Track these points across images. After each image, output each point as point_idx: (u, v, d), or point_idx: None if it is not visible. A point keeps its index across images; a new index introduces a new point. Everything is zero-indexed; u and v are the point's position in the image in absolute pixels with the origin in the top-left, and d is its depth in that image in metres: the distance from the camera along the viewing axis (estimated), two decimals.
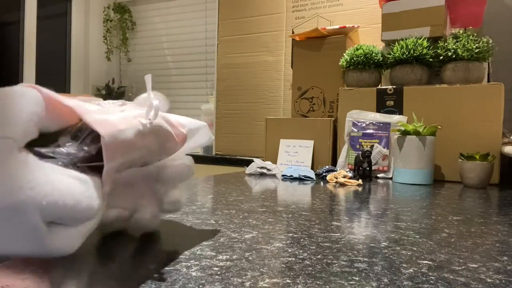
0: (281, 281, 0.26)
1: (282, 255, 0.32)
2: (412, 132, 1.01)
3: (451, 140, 1.10)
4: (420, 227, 0.46)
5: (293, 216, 0.51)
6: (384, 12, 1.27)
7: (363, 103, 1.24)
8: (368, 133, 1.17)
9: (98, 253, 0.32)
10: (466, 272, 0.29)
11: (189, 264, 0.29)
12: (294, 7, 1.68)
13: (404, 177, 1.01)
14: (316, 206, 0.59)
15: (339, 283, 0.26)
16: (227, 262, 0.30)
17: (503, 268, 0.31)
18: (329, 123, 1.29)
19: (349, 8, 1.56)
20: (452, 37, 1.14)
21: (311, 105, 1.44)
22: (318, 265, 0.30)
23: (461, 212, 0.58)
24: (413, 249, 0.36)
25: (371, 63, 1.25)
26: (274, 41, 1.72)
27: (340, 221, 0.48)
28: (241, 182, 0.91)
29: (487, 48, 1.09)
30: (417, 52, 1.14)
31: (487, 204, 0.69)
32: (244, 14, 1.75)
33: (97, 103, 0.37)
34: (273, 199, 0.65)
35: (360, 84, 1.28)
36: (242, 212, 0.52)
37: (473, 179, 0.96)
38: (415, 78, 1.18)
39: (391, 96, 1.20)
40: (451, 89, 1.11)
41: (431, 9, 1.19)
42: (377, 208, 0.60)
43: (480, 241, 0.40)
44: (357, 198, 0.71)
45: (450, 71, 1.13)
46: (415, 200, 0.70)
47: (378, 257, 0.33)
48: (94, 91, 2.80)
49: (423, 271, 0.29)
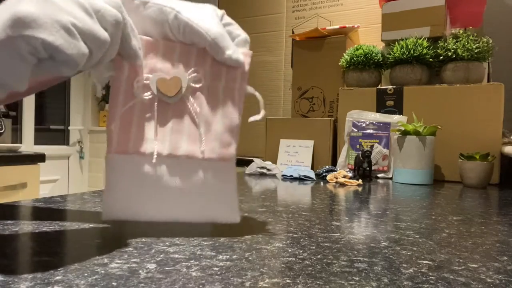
0: (281, 281, 0.26)
1: (282, 255, 0.32)
2: (412, 132, 1.01)
3: (451, 140, 1.10)
4: (420, 227, 0.46)
5: (293, 216, 0.51)
6: (384, 12, 1.27)
7: (363, 103, 1.24)
8: (368, 133, 1.17)
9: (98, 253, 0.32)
10: (466, 272, 0.29)
11: (189, 264, 0.29)
12: (294, 7, 1.68)
13: (404, 177, 1.01)
14: (316, 206, 0.59)
15: (339, 283, 0.26)
16: (227, 262, 0.30)
17: (503, 268, 0.31)
18: (329, 123, 1.29)
19: (349, 8, 1.55)
20: (452, 37, 1.14)
21: (311, 105, 1.44)
22: (318, 265, 0.30)
23: (461, 212, 0.58)
24: (413, 249, 0.36)
25: (371, 63, 1.25)
26: (274, 41, 1.72)
27: (340, 221, 0.48)
28: (241, 182, 0.91)
29: (487, 48, 1.10)
30: (417, 52, 1.14)
31: (487, 204, 0.69)
32: (244, 14, 1.75)
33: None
34: (273, 199, 0.65)
35: (360, 84, 1.28)
36: (242, 212, 0.52)
37: (473, 179, 0.96)
38: (415, 78, 1.18)
39: (391, 96, 1.20)
40: (451, 89, 1.11)
41: (431, 9, 1.19)
42: (377, 208, 0.60)
43: (480, 241, 0.40)
44: (357, 198, 0.71)
45: (450, 71, 1.13)
46: (415, 200, 0.70)
47: (378, 257, 0.33)
48: (94, 91, 2.80)
49: (423, 271, 0.29)
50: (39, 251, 0.32)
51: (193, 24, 0.37)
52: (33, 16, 0.26)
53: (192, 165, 0.37)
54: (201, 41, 0.38)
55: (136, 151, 0.36)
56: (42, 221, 0.42)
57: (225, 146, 0.38)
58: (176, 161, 0.37)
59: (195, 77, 0.38)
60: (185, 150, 0.37)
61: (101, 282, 0.25)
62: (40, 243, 0.34)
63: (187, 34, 0.38)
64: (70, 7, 0.29)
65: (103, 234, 0.38)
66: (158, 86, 0.37)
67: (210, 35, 0.37)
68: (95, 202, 0.55)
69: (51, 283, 0.25)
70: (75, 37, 0.29)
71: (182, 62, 0.39)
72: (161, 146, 0.37)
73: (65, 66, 0.29)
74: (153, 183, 0.37)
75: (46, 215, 0.46)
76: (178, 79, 0.38)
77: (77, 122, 2.78)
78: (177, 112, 0.38)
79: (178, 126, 0.38)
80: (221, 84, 0.39)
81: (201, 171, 0.37)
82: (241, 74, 0.39)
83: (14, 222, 0.41)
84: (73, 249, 0.33)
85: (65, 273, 0.27)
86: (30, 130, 2.44)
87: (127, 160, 0.36)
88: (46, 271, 0.27)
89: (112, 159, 0.36)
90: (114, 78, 0.37)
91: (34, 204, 0.53)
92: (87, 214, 0.48)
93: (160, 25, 0.38)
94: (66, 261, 0.29)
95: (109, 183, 0.37)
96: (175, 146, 0.37)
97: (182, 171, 0.37)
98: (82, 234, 0.37)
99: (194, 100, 0.38)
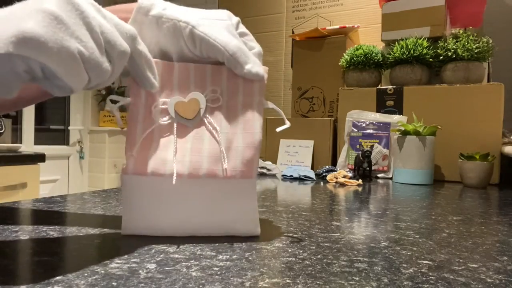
0: (281, 281, 0.26)
1: (282, 255, 0.32)
2: (412, 132, 1.01)
3: (451, 140, 1.10)
4: (420, 227, 0.46)
5: (293, 216, 0.51)
6: (384, 12, 1.27)
7: (363, 103, 1.24)
8: (368, 133, 1.17)
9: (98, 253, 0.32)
10: (466, 272, 0.29)
11: (189, 264, 0.29)
12: (294, 7, 1.68)
13: (404, 177, 1.01)
14: (316, 206, 0.59)
15: (339, 283, 0.26)
16: (227, 262, 0.30)
17: (503, 268, 0.31)
18: (329, 123, 1.29)
19: (349, 8, 1.55)
20: (452, 37, 1.14)
21: (311, 105, 1.44)
22: (318, 265, 0.30)
23: (461, 212, 0.58)
24: (413, 249, 0.36)
25: (371, 63, 1.25)
26: (274, 41, 1.72)
27: (340, 221, 0.48)
28: None
29: (487, 48, 1.10)
30: (417, 52, 1.14)
31: (487, 204, 0.69)
32: (244, 14, 1.75)
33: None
34: (273, 199, 0.65)
35: (360, 84, 1.28)
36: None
37: (473, 179, 0.96)
38: (415, 78, 1.18)
39: (391, 96, 1.20)
40: (451, 89, 1.11)
41: (431, 9, 1.19)
42: (377, 208, 0.60)
43: (480, 241, 0.40)
44: (357, 198, 0.71)
45: (450, 71, 1.13)
46: (415, 200, 0.70)
47: (378, 257, 0.33)
48: (94, 91, 2.80)
49: (423, 271, 0.29)
50: (39, 251, 0.31)
51: (210, 39, 0.36)
52: (39, 39, 0.25)
53: (213, 185, 0.37)
54: (218, 56, 0.37)
55: (155, 172, 0.36)
56: (42, 221, 0.42)
57: (247, 163, 0.37)
58: (197, 181, 0.36)
59: (213, 97, 0.38)
60: (206, 170, 0.36)
61: (101, 282, 0.25)
62: (40, 243, 0.34)
63: (204, 49, 0.37)
64: (81, 33, 0.28)
65: (103, 234, 0.38)
66: (176, 110, 0.37)
67: (228, 50, 0.37)
68: (95, 202, 0.55)
69: (51, 283, 0.25)
70: (78, 66, 0.28)
71: (198, 83, 0.39)
72: (181, 167, 0.36)
73: (59, 89, 0.28)
74: (173, 203, 0.36)
75: (46, 215, 0.46)
76: (196, 101, 0.38)
77: (77, 122, 2.78)
78: (196, 132, 0.38)
79: (198, 145, 0.37)
80: (239, 99, 0.39)
81: (223, 189, 0.37)
82: (259, 88, 0.39)
83: (14, 222, 0.41)
84: (73, 249, 0.33)
85: (65, 273, 0.27)
86: (30, 130, 2.45)
87: (145, 181, 0.36)
88: (46, 271, 0.27)
89: (130, 180, 0.36)
90: (132, 104, 0.37)
91: (34, 204, 0.53)
92: (87, 214, 0.48)
93: (176, 40, 0.38)
94: (66, 261, 0.29)
95: (126, 202, 0.37)
96: (196, 166, 0.36)
97: (203, 190, 0.37)
98: (82, 234, 0.37)
99: (213, 118, 0.38)
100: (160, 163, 0.36)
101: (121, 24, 0.32)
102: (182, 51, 0.39)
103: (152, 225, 0.37)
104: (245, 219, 0.38)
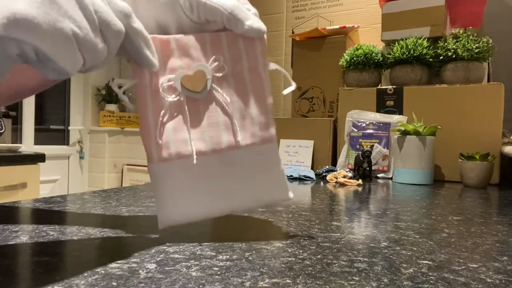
0: (281, 281, 0.26)
1: (282, 255, 0.32)
2: (412, 132, 1.01)
3: (451, 140, 1.10)
4: (420, 227, 0.46)
5: (293, 216, 0.51)
6: (384, 12, 1.27)
7: (363, 103, 1.24)
8: (368, 133, 1.17)
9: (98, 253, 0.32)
10: (466, 272, 0.29)
11: (189, 264, 0.29)
12: (294, 7, 1.68)
13: (404, 177, 1.01)
14: (316, 206, 0.59)
15: (339, 283, 0.26)
16: (227, 262, 0.30)
17: (503, 268, 0.31)
18: (329, 123, 1.29)
19: (349, 8, 1.55)
20: (452, 37, 1.14)
21: (311, 105, 1.44)
22: (318, 265, 0.30)
23: (461, 212, 0.58)
24: (413, 249, 0.36)
25: (371, 63, 1.25)
26: (274, 41, 1.72)
27: (340, 221, 0.48)
28: None
29: (487, 48, 1.10)
30: (417, 52, 1.14)
31: (487, 204, 0.69)
32: None
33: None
34: None
35: (360, 84, 1.28)
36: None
37: (473, 179, 0.96)
38: (415, 78, 1.18)
39: (391, 96, 1.20)
40: (451, 89, 1.11)
41: (431, 9, 1.19)
42: (377, 208, 0.60)
43: (480, 241, 0.40)
44: (357, 198, 0.71)
45: (450, 71, 1.13)
46: (415, 200, 0.70)
47: (378, 257, 0.33)
48: (94, 91, 2.80)
49: (423, 271, 0.29)
50: (39, 251, 0.32)
51: (206, 1, 0.36)
52: (32, 20, 0.23)
53: (236, 155, 0.37)
54: (217, 18, 0.36)
55: (178, 155, 0.35)
56: (42, 221, 0.42)
57: (264, 128, 0.37)
58: (220, 155, 0.36)
59: (217, 65, 0.37)
60: (227, 142, 0.36)
61: (101, 282, 0.25)
62: (40, 243, 0.34)
63: (201, 12, 0.36)
64: (75, 12, 0.27)
65: (103, 234, 0.38)
66: (184, 84, 0.36)
67: (226, 9, 0.36)
68: (95, 202, 0.55)
69: (51, 283, 0.25)
70: (72, 48, 0.27)
71: (200, 53, 0.37)
72: (201, 144, 0.36)
73: (53, 73, 0.27)
74: (202, 182, 0.36)
75: (46, 215, 0.46)
76: (202, 72, 0.37)
77: (77, 122, 2.78)
78: (208, 105, 0.37)
79: (214, 119, 0.37)
80: (244, 65, 0.38)
81: (247, 158, 0.37)
82: (261, 50, 0.38)
83: (14, 222, 0.41)
84: (73, 249, 0.33)
85: (65, 273, 0.27)
86: (30, 130, 2.45)
87: (171, 167, 0.35)
88: (46, 271, 0.27)
89: (157, 169, 0.35)
90: (138, 86, 0.36)
91: (34, 204, 0.53)
92: (87, 214, 0.48)
93: (172, 9, 0.37)
94: (66, 261, 0.29)
95: (158, 193, 0.36)
96: (216, 140, 0.36)
97: (228, 163, 0.36)
98: (82, 234, 0.37)
99: (222, 89, 0.37)
100: (181, 144, 0.36)
101: (114, 1, 0.31)
102: (180, 20, 0.37)
103: (188, 212, 0.36)
104: (275, 186, 0.38)
